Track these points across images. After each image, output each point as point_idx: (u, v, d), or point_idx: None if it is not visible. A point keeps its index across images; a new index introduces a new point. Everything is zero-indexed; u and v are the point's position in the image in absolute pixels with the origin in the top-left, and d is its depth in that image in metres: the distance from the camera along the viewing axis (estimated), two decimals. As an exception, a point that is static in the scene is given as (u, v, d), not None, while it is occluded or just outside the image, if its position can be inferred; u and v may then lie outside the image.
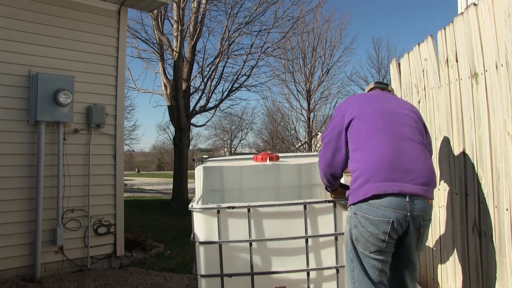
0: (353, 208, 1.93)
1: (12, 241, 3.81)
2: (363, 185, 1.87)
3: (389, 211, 1.82)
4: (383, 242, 1.87)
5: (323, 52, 16.40)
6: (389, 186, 1.83)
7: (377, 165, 1.87)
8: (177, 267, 4.42)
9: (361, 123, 1.99)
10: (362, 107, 2.06)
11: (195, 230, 2.42)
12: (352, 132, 2.01)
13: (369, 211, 1.86)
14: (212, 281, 2.40)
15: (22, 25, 3.95)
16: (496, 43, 2.02)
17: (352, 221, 1.93)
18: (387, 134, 1.94)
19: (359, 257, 1.94)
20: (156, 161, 55.29)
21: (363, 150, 1.93)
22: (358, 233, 1.91)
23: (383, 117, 2.01)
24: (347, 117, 2.06)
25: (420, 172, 1.90)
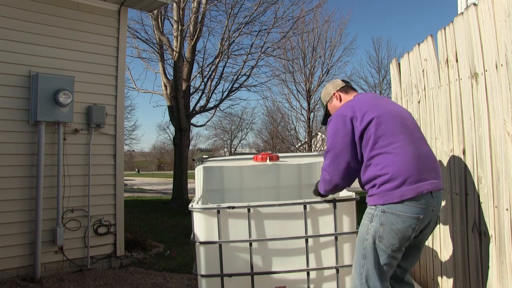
0: (381, 207, 1.92)
1: (12, 241, 3.81)
2: (397, 188, 1.89)
3: (419, 208, 1.90)
4: (409, 239, 1.93)
5: (323, 52, 16.41)
6: (422, 187, 1.91)
7: (409, 166, 1.91)
8: (177, 267, 4.42)
9: (382, 125, 1.96)
10: (377, 109, 2.01)
11: (195, 230, 2.42)
12: (374, 135, 1.95)
13: (402, 209, 1.88)
14: (212, 281, 2.40)
15: (22, 25, 3.95)
16: (496, 43, 2.02)
17: (379, 219, 1.92)
18: (407, 135, 1.99)
19: (376, 254, 1.94)
20: (156, 161, 55.30)
21: (387, 155, 1.92)
22: (385, 231, 1.91)
23: (398, 119, 2.03)
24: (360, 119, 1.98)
25: (436, 168, 2.04)
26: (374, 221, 1.94)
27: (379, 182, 1.92)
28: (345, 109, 2.07)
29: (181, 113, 10.49)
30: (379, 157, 1.93)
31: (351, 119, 2.00)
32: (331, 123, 2.08)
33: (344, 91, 2.32)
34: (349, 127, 2.00)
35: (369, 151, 1.96)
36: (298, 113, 16.75)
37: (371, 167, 1.96)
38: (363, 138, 1.98)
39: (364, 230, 2.00)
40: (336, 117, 2.06)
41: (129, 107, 30.86)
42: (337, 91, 2.32)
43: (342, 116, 2.03)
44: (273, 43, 12.54)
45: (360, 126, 1.97)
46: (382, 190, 1.92)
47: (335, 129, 2.04)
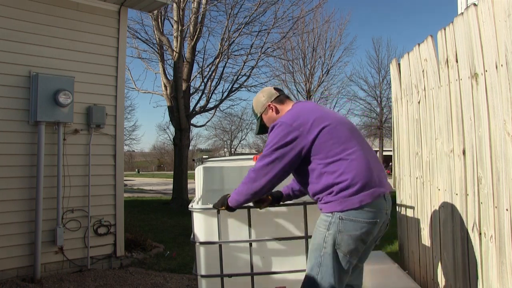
0: (339, 214, 1.89)
1: (12, 242, 3.81)
2: (356, 194, 1.87)
3: (375, 213, 1.91)
4: (365, 244, 1.94)
5: (323, 52, 16.44)
6: (378, 191, 1.93)
7: (365, 171, 1.91)
8: (177, 267, 4.42)
9: (334, 133, 1.94)
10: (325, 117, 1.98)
11: (195, 230, 2.42)
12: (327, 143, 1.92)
13: (359, 215, 1.88)
14: (212, 281, 2.40)
15: (22, 25, 3.95)
16: (496, 43, 2.02)
17: (337, 226, 1.89)
18: (357, 141, 1.99)
19: (334, 262, 1.91)
20: (156, 161, 55.32)
21: (343, 161, 1.90)
22: (344, 238, 1.89)
23: (346, 125, 2.02)
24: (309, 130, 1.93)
25: (384, 170, 2.07)
26: (332, 228, 1.90)
27: (336, 189, 1.89)
28: (290, 117, 2.00)
29: (181, 113, 10.49)
30: (334, 164, 1.91)
31: (296, 129, 1.94)
32: (274, 130, 1.99)
33: (279, 101, 2.22)
34: (292, 137, 1.93)
35: (322, 160, 1.92)
36: (298, 113, 16.73)
37: (326, 175, 1.92)
38: (313, 147, 1.93)
39: (321, 238, 1.93)
40: (281, 124, 1.97)
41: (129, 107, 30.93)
42: (271, 102, 2.20)
43: (288, 125, 1.95)
44: (273, 43, 12.56)
45: (310, 136, 1.93)
46: (340, 196, 1.89)
47: (278, 137, 1.95)
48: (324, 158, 1.92)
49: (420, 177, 3.19)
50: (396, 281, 2.97)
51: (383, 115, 31.65)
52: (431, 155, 2.95)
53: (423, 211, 3.13)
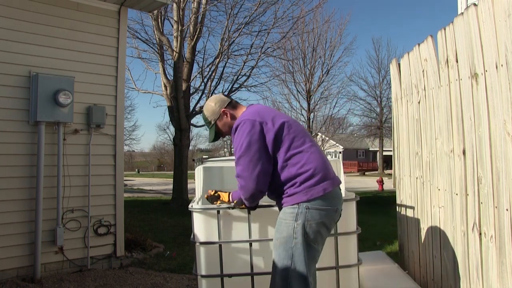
0: (305, 203, 1.96)
1: (12, 242, 3.81)
2: (319, 183, 1.99)
3: (336, 201, 2.06)
4: (330, 231, 2.10)
5: (323, 52, 16.44)
6: (335, 180, 2.09)
7: (323, 163, 2.05)
8: (177, 267, 4.42)
9: (293, 128, 2.06)
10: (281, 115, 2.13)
11: (195, 230, 2.42)
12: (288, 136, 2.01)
13: (323, 203, 1.99)
14: (212, 281, 2.40)
15: (22, 25, 3.95)
16: (496, 43, 2.02)
17: (304, 216, 1.96)
18: (309, 139, 2.12)
19: (304, 252, 1.96)
20: (156, 161, 55.32)
21: (305, 153, 2.01)
22: (312, 226, 1.97)
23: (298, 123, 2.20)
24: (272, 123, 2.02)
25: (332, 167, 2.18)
26: (300, 219, 1.96)
27: (300, 180, 1.97)
28: (251, 114, 2.06)
29: (181, 113, 10.49)
30: (296, 156, 2.00)
31: (260, 123, 2.02)
32: (239, 129, 2.04)
33: (232, 107, 2.27)
34: (259, 131, 2.00)
35: (285, 152, 2.00)
36: (298, 113, 16.77)
37: (288, 167, 2.00)
38: (277, 140, 2.00)
39: (290, 230, 1.97)
40: (245, 122, 2.03)
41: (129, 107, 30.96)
42: (225, 108, 2.25)
43: (251, 121, 2.02)
44: (273, 43, 12.55)
45: (273, 128, 2.01)
46: (304, 187, 1.97)
47: (246, 133, 2.00)
48: (287, 151, 2.00)
49: (420, 177, 3.19)
50: (396, 281, 2.97)
51: (383, 115, 31.67)
52: (431, 155, 2.95)
53: (423, 211, 3.13)
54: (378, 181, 18.02)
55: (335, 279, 2.47)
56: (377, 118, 32.80)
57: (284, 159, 2.00)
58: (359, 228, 2.59)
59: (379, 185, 17.67)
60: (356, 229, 2.56)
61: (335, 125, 19.63)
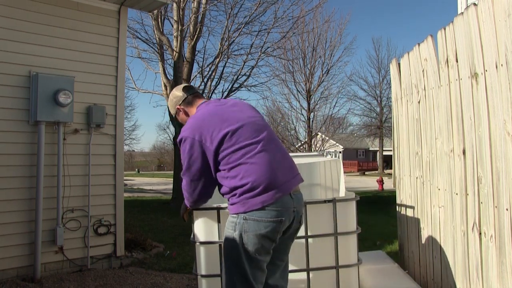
0: (243, 214, 1.93)
1: (12, 241, 3.81)
2: (257, 196, 1.91)
3: (279, 212, 1.94)
4: (273, 242, 1.97)
5: (323, 52, 16.41)
6: (281, 191, 1.95)
7: (267, 173, 1.94)
8: (177, 267, 4.42)
9: (234, 138, 1.98)
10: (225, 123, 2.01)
11: (195, 230, 2.42)
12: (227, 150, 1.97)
13: (262, 214, 1.91)
14: (212, 281, 2.40)
15: (22, 25, 3.95)
16: (496, 43, 2.02)
17: (241, 226, 1.93)
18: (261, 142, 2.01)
19: (245, 261, 1.93)
20: (156, 161, 55.34)
21: (244, 165, 1.94)
22: (249, 237, 1.92)
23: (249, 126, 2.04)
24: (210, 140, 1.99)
25: (292, 167, 2.10)
26: (237, 229, 1.94)
27: (239, 192, 1.94)
28: (191, 130, 2.04)
29: (181, 113, 10.48)
30: (236, 168, 1.95)
31: (199, 142, 2.00)
32: (181, 146, 2.07)
33: (187, 103, 2.26)
34: (198, 150, 2.00)
35: (225, 165, 1.98)
36: (298, 113, 16.75)
37: (229, 179, 1.97)
38: (218, 155, 1.99)
39: (231, 240, 1.97)
40: (185, 140, 2.04)
41: (129, 107, 30.96)
42: (179, 105, 2.27)
43: (190, 139, 2.01)
44: (273, 43, 12.53)
45: (212, 146, 1.98)
46: (242, 198, 1.94)
47: (186, 153, 2.03)
48: (226, 164, 1.97)
49: (420, 176, 3.19)
50: (396, 281, 2.97)
51: (383, 115, 31.68)
52: (431, 155, 2.95)
53: (423, 211, 3.13)
54: (378, 181, 18.02)
55: (335, 279, 2.47)
56: (377, 118, 32.80)
57: (226, 172, 1.98)
58: (359, 228, 2.59)
59: (379, 185, 17.67)
60: (356, 229, 2.56)
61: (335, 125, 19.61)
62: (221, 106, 2.17)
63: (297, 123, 17.04)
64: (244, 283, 1.94)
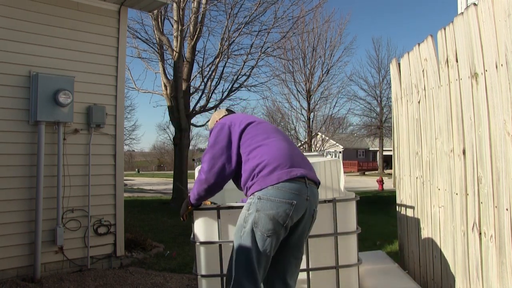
0: (257, 194, 2.02)
1: (12, 241, 3.81)
2: (272, 172, 2.03)
3: (293, 194, 2.01)
4: (283, 225, 2.00)
5: (323, 52, 16.43)
6: (296, 171, 2.06)
7: (283, 155, 2.10)
8: (177, 267, 4.42)
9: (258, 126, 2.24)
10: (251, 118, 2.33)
11: (195, 230, 2.42)
12: (250, 134, 2.19)
13: (276, 194, 1.99)
14: (212, 281, 2.40)
15: (22, 25, 3.95)
16: (496, 43, 2.02)
17: (255, 206, 2.00)
18: (278, 135, 2.25)
19: (253, 241, 1.98)
20: (156, 161, 55.34)
21: (264, 146, 2.13)
22: (261, 216, 1.98)
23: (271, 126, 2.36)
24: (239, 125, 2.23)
25: (310, 166, 2.24)
26: (251, 208, 2.02)
27: (257, 171, 2.06)
28: (223, 119, 2.34)
29: (181, 113, 10.49)
30: (255, 150, 2.13)
31: (228, 126, 2.24)
32: (213, 131, 2.29)
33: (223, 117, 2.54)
34: (226, 132, 2.22)
35: (247, 147, 2.16)
36: (298, 113, 16.77)
37: (249, 160, 2.12)
38: (241, 138, 2.19)
39: (242, 219, 2.06)
40: (216, 125, 2.31)
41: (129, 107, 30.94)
42: (219, 119, 2.52)
43: (221, 124, 2.28)
44: (273, 43, 12.54)
45: (239, 128, 2.21)
46: (260, 177, 2.05)
47: (214, 133, 2.25)
48: (249, 146, 2.15)
49: (420, 176, 3.19)
50: (396, 281, 2.97)
51: (383, 115, 31.67)
52: (431, 155, 2.95)
53: (423, 211, 3.13)
54: (378, 181, 18.02)
55: (335, 279, 2.47)
56: (377, 118, 32.80)
57: (246, 154, 2.14)
58: (359, 228, 2.59)
59: (379, 185, 17.67)
60: (356, 229, 2.56)
61: (335, 125, 19.63)
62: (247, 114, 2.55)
63: (297, 123, 17.05)
64: (247, 264, 1.97)
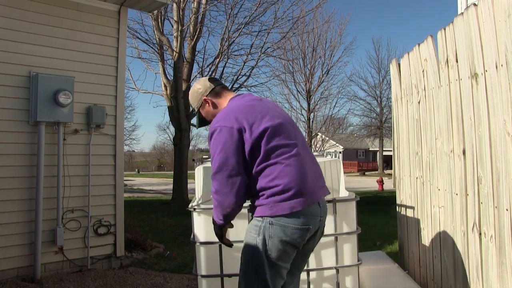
0: (269, 218, 1.82)
1: (12, 242, 3.81)
2: (287, 200, 1.81)
3: (307, 219, 1.85)
4: (297, 248, 1.88)
5: (323, 52, 16.44)
6: (312, 198, 1.87)
7: (300, 178, 1.84)
8: (177, 267, 4.42)
9: (275, 136, 1.85)
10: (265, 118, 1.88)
11: (195, 230, 2.42)
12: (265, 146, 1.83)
13: (290, 221, 1.81)
14: (212, 281, 2.40)
15: (22, 25, 3.95)
16: (496, 43, 2.02)
17: (267, 231, 1.82)
18: (297, 145, 1.91)
19: (265, 267, 1.83)
20: (156, 161, 55.34)
21: (281, 163, 1.83)
22: (274, 243, 1.82)
23: (288, 126, 1.94)
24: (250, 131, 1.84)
25: (321, 175, 2.04)
26: (261, 233, 1.83)
27: (268, 193, 1.83)
28: (228, 120, 1.87)
29: (181, 114, 10.49)
30: (269, 168, 1.83)
31: (238, 131, 1.83)
32: (215, 138, 1.87)
33: (214, 94, 2.11)
34: (237, 140, 1.83)
35: (259, 162, 1.84)
36: (298, 113, 16.77)
37: (260, 178, 1.84)
38: (253, 150, 1.83)
39: (254, 244, 1.86)
40: (221, 130, 1.85)
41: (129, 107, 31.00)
42: (207, 96, 2.11)
43: (228, 129, 1.84)
44: (273, 43, 12.54)
45: (251, 138, 1.83)
46: (271, 201, 1.82)
47: (222, 144, 1.84)
48: (262, 161, 1.84)
49: (420, 177, 3.19)
50: (396, 281, 2.97)
51: (383, 115, 31.69)
52: (431, 155, 2.95)
53: (423, 211, 3.13)
54: (378, 181, 18.02)
55: (335, 279, 2.47)
56: (377, 118, 32.81)
57: (257, 170, 1.85)
58: (359, 228, 2.59)
59: (379, 185, 17.67)
60: (356, 229, 2.56)
61: (335, 125, 19.64)
62: (258, 101, 2.02)
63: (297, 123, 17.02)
64: None
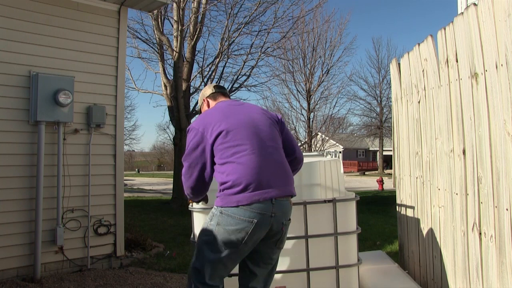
0: (220, 208, 2.06)
1: (12, 241, 3.80)
2: (235, 194, 2.02)
3: (254, 213, 2.00)
4: (241, 241, 2.02)
5: (323, 52, 16.45)
6: (260, 195, 2.02)
7: (249, 175, 2.02)
8: (177, 267, 4.42)
9: (228, 137, 2.10)
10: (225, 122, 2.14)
11: (195, 230, 2.42)
12: (220, 146, 2.10)
13: (236, 212, 2.00)
14: (212, 281, 2.39)
15: (22, 25, 3.95)
16: (496, 43, 2.02)
17: (217, 218, 2.05)
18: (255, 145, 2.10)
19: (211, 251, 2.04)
20: (156, 161, 55.34)
21: (233, 162, 2.06)
22: (220, 230, 2.02)
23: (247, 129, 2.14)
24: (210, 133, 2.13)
25: (284, 175, 2.15)
26: (213, 220, 2.07)
27: (222, 188, 2.07)
28: (198, 122, 2.22)
29: (181, 113, 10.49)
30: (224, 166, 2.08)
31: (202, 133, 2.15)
32: (188, 135, 2.23)
33: (212, 97, 2.46)
34: (200, 140, 2.15)
35: (217, 160, 2.12)
36: (298, 113, 16.80)
37: (218, 174, 2.11)
38: (212, 149, 2.13)
39: (204, 227, 2.11)
40: (191, 130, 2.22)
41: (129, 107, 30.99)
42: (206, 98, 2.47)
43: (195, 129, 2.19)
44: (273, 43, 12.54)
45: (210, 138, 2.12)
46: (223, 194, 2.06)
47: (189, 140, 2.20)
48: (218, 159, 2.12)
49: (420, 176, 3.19)
50: (396, 281, 2.98)
51: (383, 115, 31.70)
52: (431, 155, 2.95)
53: (423, 211, 3.13)
54: (378, 180, 18.02)
55: (335, 279, 2.47)
56: (377, 118, 32.83)
57: (217, 166, 2.13)
58: (359, 228, 2.59)
59: (379, 184, 17.68)
60: (356, 229, 2.56)
61: (335, 125, 19.65)
62: (232, 106, 2.30)
63: (297, 123, 17.04)
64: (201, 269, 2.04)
